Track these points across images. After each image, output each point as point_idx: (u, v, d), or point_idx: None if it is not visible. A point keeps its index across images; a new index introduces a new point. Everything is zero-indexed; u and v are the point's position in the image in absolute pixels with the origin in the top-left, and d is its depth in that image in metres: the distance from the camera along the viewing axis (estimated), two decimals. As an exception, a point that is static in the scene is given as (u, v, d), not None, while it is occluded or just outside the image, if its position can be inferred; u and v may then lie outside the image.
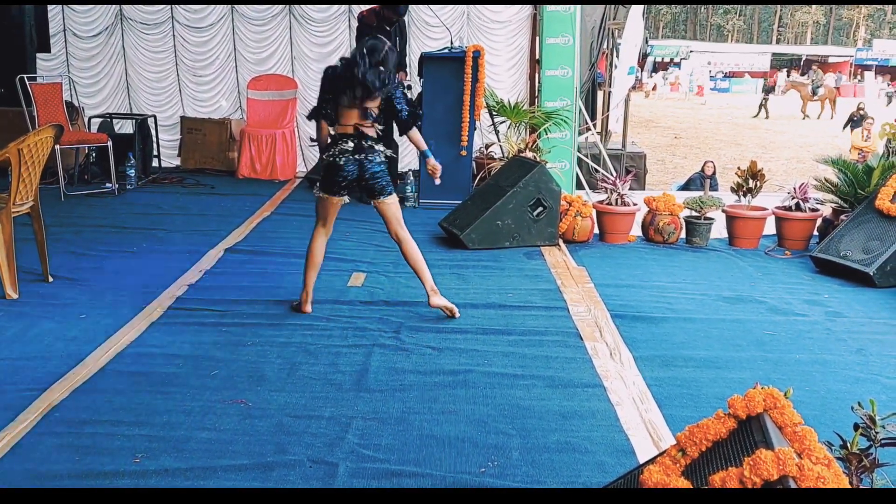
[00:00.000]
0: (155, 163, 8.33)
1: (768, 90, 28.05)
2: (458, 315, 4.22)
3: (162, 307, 4.28)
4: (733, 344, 3.99)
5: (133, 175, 7.49)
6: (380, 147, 4.14)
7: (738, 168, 6.16)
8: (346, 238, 5.86)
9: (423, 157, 4.35)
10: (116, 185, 7.24)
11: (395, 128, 4.33)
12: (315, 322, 4.13)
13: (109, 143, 7.18)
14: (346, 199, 4.22)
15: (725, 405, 1.98)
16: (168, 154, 8.75)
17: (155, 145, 8.29)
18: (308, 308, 4.24)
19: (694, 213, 5.98)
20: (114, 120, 8.24)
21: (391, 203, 4.22)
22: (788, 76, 39.70)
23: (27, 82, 7.00)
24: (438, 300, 4.22)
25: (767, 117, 25.21)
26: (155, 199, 7.13)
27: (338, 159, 4.05)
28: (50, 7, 8.29)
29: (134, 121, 8.08)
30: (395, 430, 3.00)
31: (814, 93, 26.21)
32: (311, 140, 7.37)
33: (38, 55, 8.10)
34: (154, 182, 7.86)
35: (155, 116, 8.32)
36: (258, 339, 3.86)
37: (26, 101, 7.04)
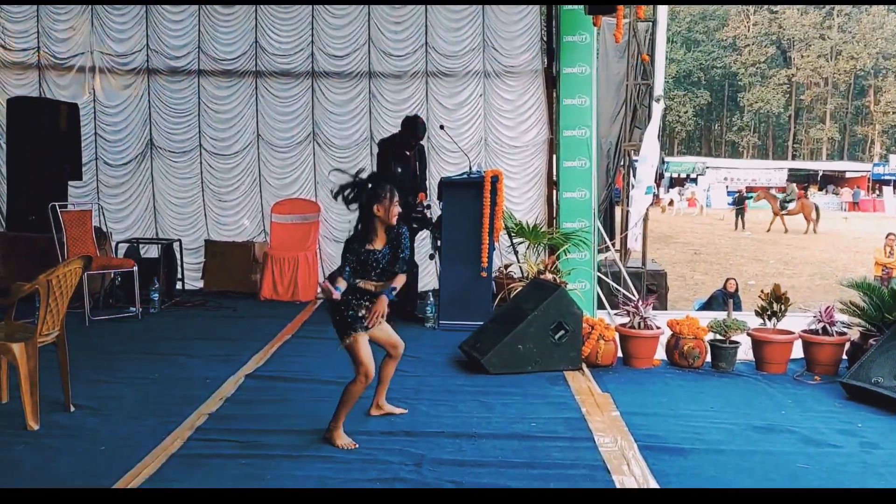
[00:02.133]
0: (179, 285, 8.43)
1: (741, 200, 28.07)
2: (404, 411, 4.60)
3: (182, 438, 4.22)
4: (767, 478, 3.85)
5: (157, 299, 7.57)
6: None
7: (762, 291, 6.13)
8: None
9: (386, 292, 4.22)
10: (140, 309, 7.31)
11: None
12: (335, 454, 4.05)
13: (135, 268, 7.30)
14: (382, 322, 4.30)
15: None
16: (192, 276, 8.87)
17: (179, 268, 8.42)
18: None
19: (719, 337, 5.91)
20: (140, 244, 8.40)
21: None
22: (805, 191, 40.15)
23: (58, 210, 7.20)
24: (377, 412, 4.61)
25: (744, 228, 25.55)
26: (177, 323, 7.17)
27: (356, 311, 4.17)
28: (84, 136, 8.61)
29: (159, 245, 8.24)
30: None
31: (782, 207, 26.07)
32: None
33: (70, 183, 8.36)
34: (177, 305, 7.93)
35: (180, 240, 8.48)
36: (276, 472, 3.78)
37: (56, 228, 7.22)
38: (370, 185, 4.18)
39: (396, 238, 4.23)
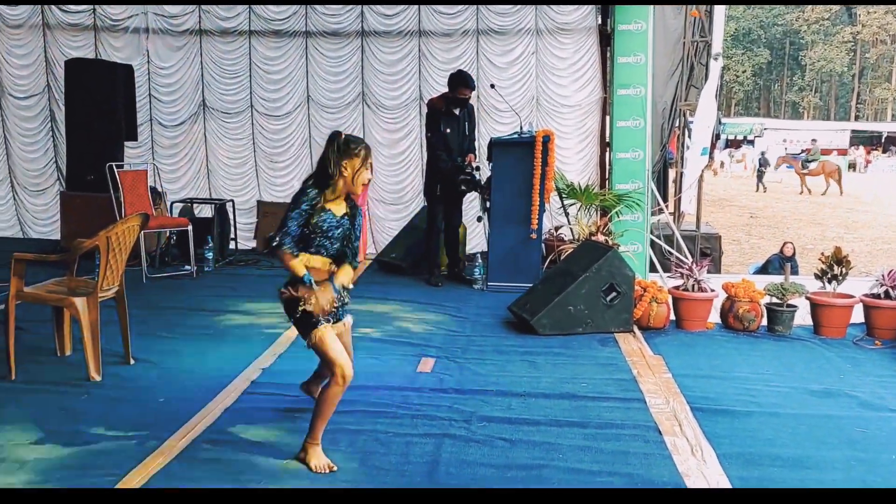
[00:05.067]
0: (232, 245, 8.56)
1: (764, 164, 27.40)
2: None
3: (237, 391, 4.31)
4: (823, 442, 3.78)
5: (211, 258, 7.71)
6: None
7: (822, 254, 5.96)
8: (414, 322, 5.85)
9: (305, 279, 3.43)
10: (195, 268, 7.45)
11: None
12: (385, 409, 4.09)
13: (190, 228, 7.43)
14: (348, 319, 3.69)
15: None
16: (244, 237, 8.99)
17: (232, 228, 8.54)
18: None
19: (776, 300, 5.78)
20: (194, 204, 8.54)
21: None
22: (868, 154, 38.88)
23: (115, 170, 7.34)
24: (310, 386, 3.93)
25: (765, 191, 25.01)
26: (231, 281, 7.30)
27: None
28: (138, 97, 8.73)
29: (213, 205, 8.36)
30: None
31: (803, 167, 25.43)
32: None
33: (126, 143, 8.50)
34: (230, 264, 8.06)
35: (233, 201, 8.59)
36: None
37: (114, 188, 7.36)
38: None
39: (353, 215, 3.51)
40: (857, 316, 5.75)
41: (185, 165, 9.35)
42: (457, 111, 7.11)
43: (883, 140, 42.11)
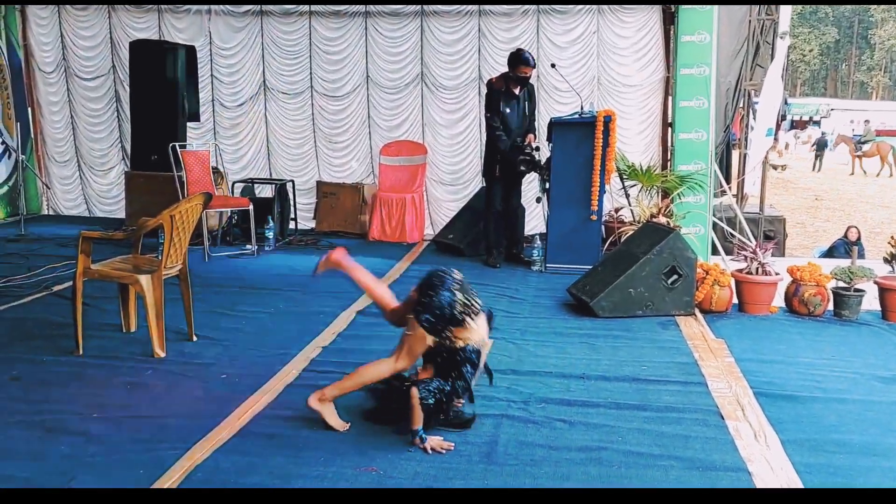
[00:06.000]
0: (291, 225, 8.67)
1: (822, 145, 26.90)
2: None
3: (297, 369, 4.38)
4: (891, 429, 3.66)
5: (271, 237, 7.83)
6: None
7: (892, 237, 5.77)
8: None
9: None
10: (256, 247, 7.57)
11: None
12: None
13: (251, 207, 7.55)
14: None
15: None
16: (304, 217, 9.11)
17: (292, 208, 8.65)
18: None
19: (843, 284, 5.62)
20: (255, 184, 8.67)
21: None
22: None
23: (178, 150, 7.49)
24: (314, 401, 3.58)
25: (820, 170, 24.52)
26: (291, 260, 7.40)
27: None
28: (200, 78, 8.87)
29: (273, 185, 8.47)
30: (527, 508, 2.90)
31: (857, 148, 24.91)
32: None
33: (189, 124, 8.66)
34: (291, 244, 8.17)
35: (293, 181, 8.69)
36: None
37: (177, 167, 7.52)
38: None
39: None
40: (930, 302, 5.55)
41: (246, 146, 9.49)
42: (516, 91, 7.05)
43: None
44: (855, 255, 6.22)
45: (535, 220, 8.47)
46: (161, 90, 8.20)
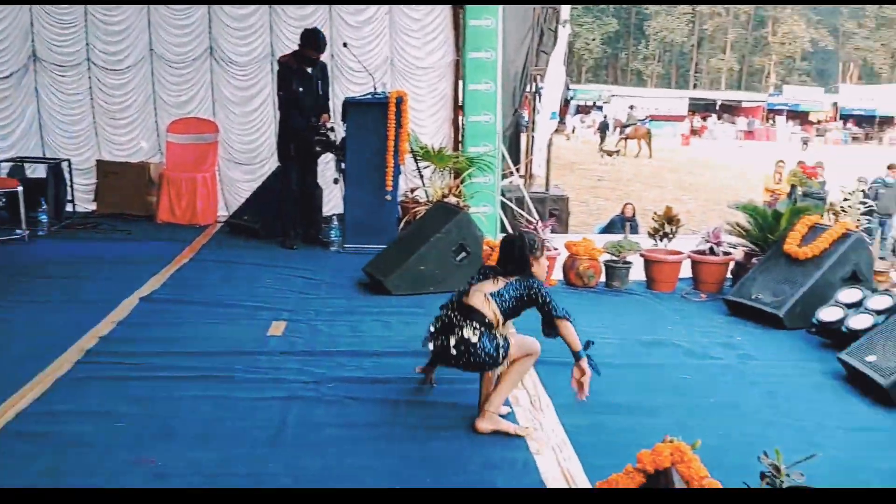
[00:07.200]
0: (69, 208, 8.06)
1: (604, 127, 30.21)
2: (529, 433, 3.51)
3: (70, 361, 4.11)
4: (651, 389, 4.06)
5: (45, 221, 7.24)
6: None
7: (655, 213, 6.33)
8: (266, 285, 5.76)
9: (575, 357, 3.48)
10: (27, 232, 6.98)
11: None
12: (232, 374, 4.02)
13: (20, 189, 6.93)
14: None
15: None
16: (83, 199, 8.49)
17: (69, 190, 8.05)
18: None
19: (613, 258, 6.10)
20: (25, 163, 7.96)
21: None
22: (704, 120, 41.37)
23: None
24: (485, 424, 3.47)
25: (603, 155, 26.49)
26: (68, 246, 6.88)
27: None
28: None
29: (47, 165, 7.83)
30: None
31: (621, 131, 28.22)
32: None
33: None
34: (68, 228, 7.60)
35: (69, 160, 8.08)
36: (169, 394, 3.73)
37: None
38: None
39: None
40: (686, 271, 6.16)
41: (15, 121, 8.65)
42: (309, 70, 6.97)
43: (717, 107, 44.91)
44: (627, 231, 6.78)
45: (333, 200, 8.43)
46: None
